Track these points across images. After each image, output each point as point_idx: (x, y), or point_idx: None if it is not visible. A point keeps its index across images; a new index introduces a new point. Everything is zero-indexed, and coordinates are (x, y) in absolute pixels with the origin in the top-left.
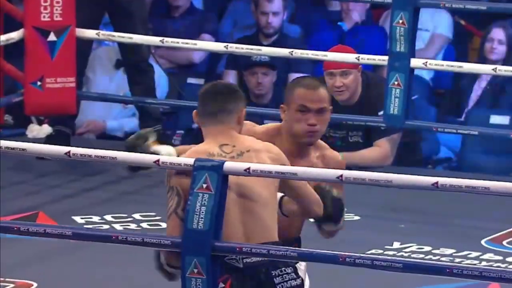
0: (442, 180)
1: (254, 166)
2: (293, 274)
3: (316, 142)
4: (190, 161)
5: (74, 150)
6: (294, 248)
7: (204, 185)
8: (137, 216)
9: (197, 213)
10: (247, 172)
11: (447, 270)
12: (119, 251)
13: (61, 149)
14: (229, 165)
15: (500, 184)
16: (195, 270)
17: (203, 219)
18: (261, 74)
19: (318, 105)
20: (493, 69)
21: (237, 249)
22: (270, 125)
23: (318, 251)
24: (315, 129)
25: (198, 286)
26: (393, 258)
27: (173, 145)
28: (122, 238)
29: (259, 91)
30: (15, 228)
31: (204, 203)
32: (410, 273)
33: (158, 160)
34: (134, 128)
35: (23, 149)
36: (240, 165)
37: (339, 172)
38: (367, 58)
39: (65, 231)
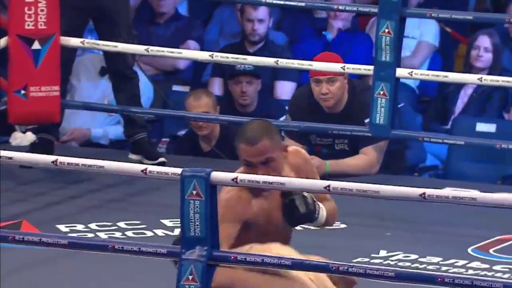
0: (429, 192)
1: (241, 176)
2: None
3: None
4: (178, 171)
5: (61, 159)
6: (287, 257)
7: (194, 192)
8: (122, 224)
9: (192, 220)
10: (235, 182)
11: (439, 279)
12: (112, 259)
13: (48, 158)
14: (216, 175)
15: (486, 196)
16: (190, 277)
17: (199, 227)
18: (245, 83)
19: (260, 159)
20: (478, 79)
21: (232, 257)
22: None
23: (311, 260)
24: None
25: None
26: (385, 267)
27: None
28: (119, 247)
29: (244, 100)
30: (10, 238)
31: (197, 210)
32: (402, 282)
33: (145, 169)
34: (119, 135)
35: (9, 158)
36: (228, 175)
37: (326, 182)
38: (352, 68)
39: (61, 240)
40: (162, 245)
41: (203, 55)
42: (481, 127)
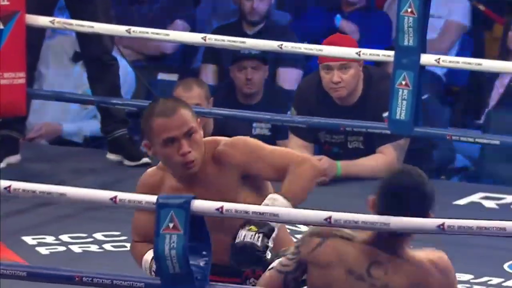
0: (449, 222)
1: (227, 205)
2: None
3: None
4: (153, 198)
5: (16, 185)
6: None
7: (171, 225)
8: (98, 236)
9: (168, 258)
10: (220, 212)
11: None
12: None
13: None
14: (198, 203)
15: None
16: None
17: (177, 264)
18: (251, 69)
19: (183, 130)
20: None
21: None
22: (149, 171)
23: None
24: (190, 158)
25: None
26: None
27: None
28: (87, 280)
29: (249, 89)
30: None
31: (173, 245)
32: None
33: (115, 197)
34: (95, 132)
35: None
36: (211, 204)
37: (327, 214)
38: (369, 53)
39: (18, 271)
40: (140, 277)
41: (194, 38)
42: None
